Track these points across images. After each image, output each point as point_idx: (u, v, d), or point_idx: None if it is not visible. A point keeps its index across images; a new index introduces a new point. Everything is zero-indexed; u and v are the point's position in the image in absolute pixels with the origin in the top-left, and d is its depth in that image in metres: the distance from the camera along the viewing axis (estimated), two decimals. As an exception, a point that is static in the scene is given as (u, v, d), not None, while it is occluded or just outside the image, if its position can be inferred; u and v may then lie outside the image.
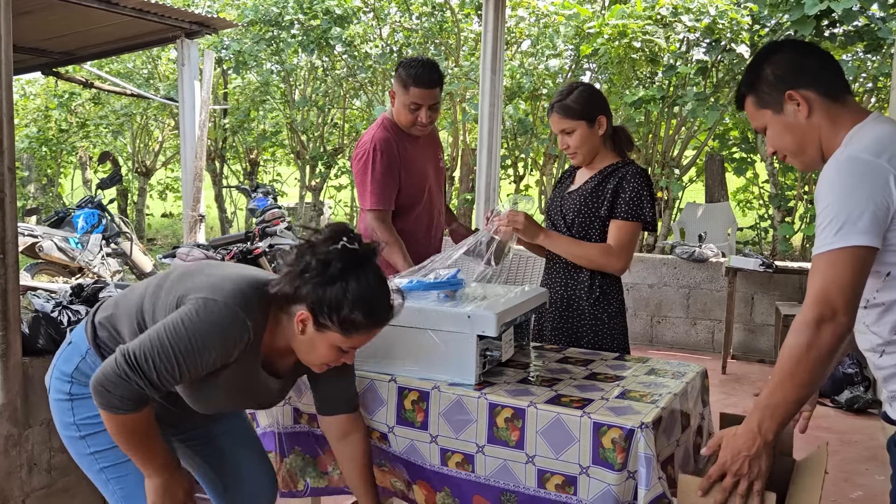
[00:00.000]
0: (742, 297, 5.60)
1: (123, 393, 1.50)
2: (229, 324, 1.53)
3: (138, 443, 1.59)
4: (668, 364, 2.06)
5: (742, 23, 7.03)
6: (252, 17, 9.57)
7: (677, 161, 8.26)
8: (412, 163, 2.80)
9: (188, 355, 1.51)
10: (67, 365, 1.73)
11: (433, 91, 2.69)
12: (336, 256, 1.53)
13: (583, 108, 2.30)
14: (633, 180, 2.28)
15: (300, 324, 1.56)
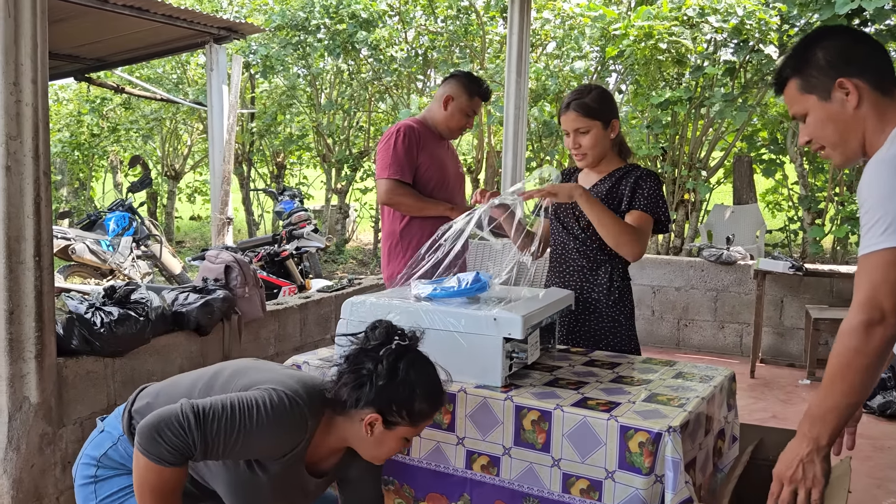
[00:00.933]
0: (771, 301, 5.53)
1: (176, 444, 1.47)
2: (294, 418, 1.54)
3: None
4: (695, 367, 2.04)
5: (770, 23, 6.95)
6: (279, 22, 9.68)
7: (704, 163, 8.18)
8: (434, 154, 3.01)
9: (250, 430, 1.50)
10: (97, 450, 1.73)
11: (483, 103, 3.14)
12: (396, 357, 1.56)
13: (600, 108, 2.31)
14: (649, 180, 2.31)
15: (368, 427, 1.57)
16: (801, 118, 1.51)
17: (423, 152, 2.96)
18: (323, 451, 1.66)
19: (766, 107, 8.27)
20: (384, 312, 1.92)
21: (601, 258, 2.34)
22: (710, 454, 1.86)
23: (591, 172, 2.42)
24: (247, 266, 3.21)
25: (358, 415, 1.57)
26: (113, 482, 1.70)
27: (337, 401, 1.60)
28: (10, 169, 2.17)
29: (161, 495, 1.52)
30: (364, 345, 1.61)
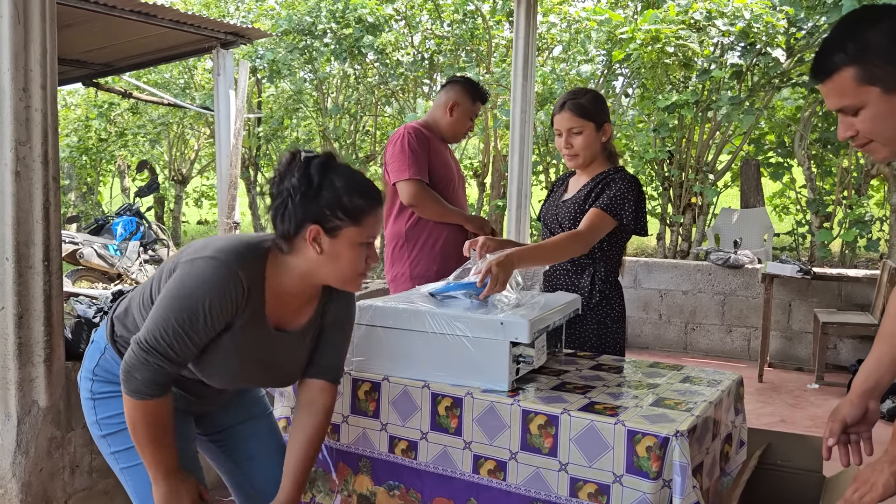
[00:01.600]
0: (779, 304, 5.51)
1: (147, 376, 1.53)
2: (218, 276, 1.52)
3: (151, 438, 1.58)
4: (703, 372, 2.04)
5: (778, 26, 6.94)
6: (286, 27, 9.72)
7: (711, 166, 8.17)
8: (440, 157, 3.06)
9: (188, 319, 1.51)
10: (90, 362, 1.77)
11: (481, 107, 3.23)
12: (307, 167, 1.56)
13: (594, 110, 2.33)
14: (620, 182, 2.30)
15: (314, 243, 1.56)
16: (850, 112, 1.30)
17: (431, 155, 3.01)
18: (290, 301, 1.65)
19: (773, 110, 8.25)
20: (390, 316, 1.92)
21: (585, 262, 2.36)
22: (718, 459, 1.86)
23: (581, 176, 2.44)
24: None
25: (301, 241, 1.57)
26: (110, 403, 1.71)
27: (279, 240, 1.59)
28: (19, 174, 2.19)
29: (150, 430, 1.57)
30: (275, 177, 1.60)
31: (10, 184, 2.18)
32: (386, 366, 1.93)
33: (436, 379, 1.87)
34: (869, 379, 1.51)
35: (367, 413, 1.94)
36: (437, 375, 1.87)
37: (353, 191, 1.56)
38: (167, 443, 1.61)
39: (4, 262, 2.21)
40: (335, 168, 1.58)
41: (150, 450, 1.60)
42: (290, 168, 1.58)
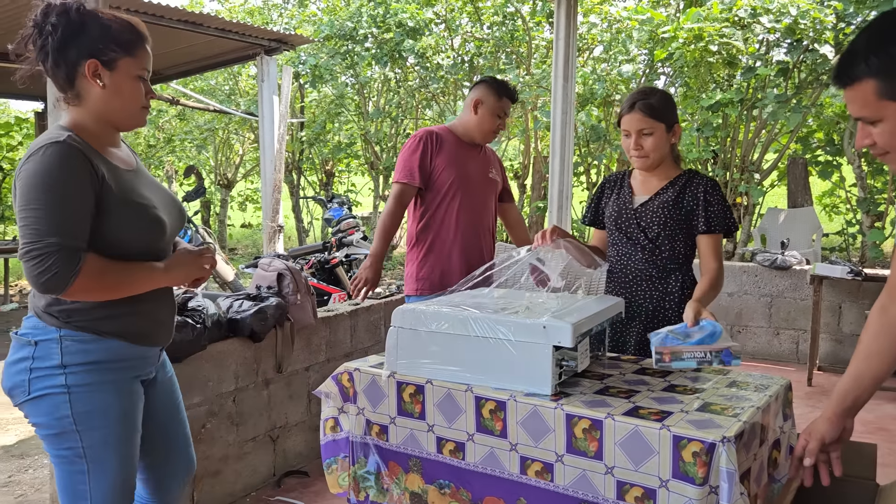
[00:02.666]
0: (828, 307, 5.38)
1: (58, 269, 1.56)
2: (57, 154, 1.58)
3: (124, 275, 1.67)
4: (750, 376, 2.01)
5: (826, 22, 6.78)
6: (328, 33, 9.84)
7: (757, 165, 8.02)
8: (454, 159, 3.04)
9: (56, 200, 1.56)
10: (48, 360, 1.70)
11: (511, 104, 3.15)
12: (65, 10, 1.63)
13: (665, 111, 2.28)
14: (715, 193, 2.28)
15: (94, 78, 1.64)
16: (869, 122, 1.29)
17: (439, 157, 3.01)
18: (109, 143, 1.74)
19: (821, 107, 8.06)
20: (433, 320, 1.94)
21: (671, 266, 2.32)
22: (765, 465, 1.83)
23: (650, 178, 2.37)
24: (298, 274, 3.27)
25: (82, 81, 1.65)
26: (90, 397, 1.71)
27: (65, 94, 1.67)
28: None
29: (116, 274, 1.66)
30: (34, 31, 1.64)
31: (67, 192, 2.26)
32: (429, 369, 1.95)
33: (479, 382, 1.88)
34: (847, 397, 1.53)
35: (414, 415, 1.97)
36: (480, 379, 1.88)
37: (119, 25, 1.67)
38: (135, 266, 1.70)
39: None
40: (90, 11, 1.67)
41: (135, 281, 1.70)
42: (45, 17, 1.63)
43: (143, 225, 1.73)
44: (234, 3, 13.31)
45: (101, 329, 1.70)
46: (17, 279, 10.37)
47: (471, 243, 3.06)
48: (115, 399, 1.73)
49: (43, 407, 1.69)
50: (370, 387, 2.04)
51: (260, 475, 3.15)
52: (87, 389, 1.69)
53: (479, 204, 3.12)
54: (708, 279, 2.25)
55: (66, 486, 1.73)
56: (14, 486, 3.30)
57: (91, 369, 1.70)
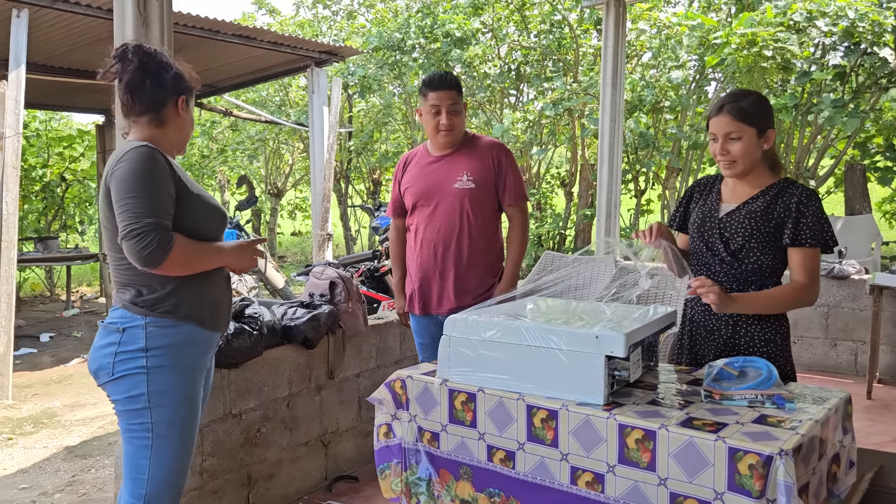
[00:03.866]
0: (889, 317, 5.21)
1: (157, 245, 1.83)
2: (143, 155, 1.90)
3: (201, 252, 1.97)
4: (807, 388, 1.97)
5: (885, 24, 6.59)
6: (376, 44, 9.97)
7: (813, 171, 7.83)
8: (419, 173, 2.99)
9: (149, 188, 1.87)
10: (134, 343, 1.96)
11: (448, 92, 2.86)
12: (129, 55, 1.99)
13: (756, 114, 2.12)
14: (811, 204, 2.10)
15: (180, 110, 2.05)
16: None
17: (404, 178, 3.02)
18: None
19: (880, 112, 7.83)
20: (485, 329, 1.96)
21: (753, 279, 2.15)
22: (824, 479, 1.79)
23: (740, 185, 2.21)
24: (350, 282, 3.33)
25: (170, 112, 2.03)
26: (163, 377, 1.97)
27: (152, 118, 2.01)
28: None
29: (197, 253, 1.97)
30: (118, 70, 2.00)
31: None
32: (481, 377, 1.96)
33: (530, 391, 1.89)
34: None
35: (465, 423, 1.99)
36: (532, 388, 1.89)
37: (187, 73, 2.07)
38: (209, 247, 2.01)
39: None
40: (151, 50, 2.03)
41: (206, 257, 2.00)
42: (125, 64, 1.99)
43: (209, 213, 2.05)
44: (284, 17, 13.59)
45: (179, 313, 1.97)
46: (79, 286, 10.74)
47: (427, 260, 2.93)
48: (183, 383, 1.99)
49: (123, 386, 1.95)
50: (422, 394, 2.07)
51: (312, 479, 3.21)
52: (162, 371, 1.94)
53: (442, 217, 2.90)
54: (779, 288, 2.11)
55: (130, 458, 1.97)
56: (77, 486, 3.42)
57: (168, 353, 1.95)
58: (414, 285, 3.01)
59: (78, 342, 6.90)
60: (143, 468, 1.95)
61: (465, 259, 2.91)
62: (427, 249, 2.95)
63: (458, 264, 2.91)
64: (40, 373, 5.76)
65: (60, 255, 8.10)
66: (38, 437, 4.18)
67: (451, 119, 2.86)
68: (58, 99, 8.79)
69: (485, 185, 2.91)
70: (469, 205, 2.89)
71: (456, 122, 2.88)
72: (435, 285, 2.95)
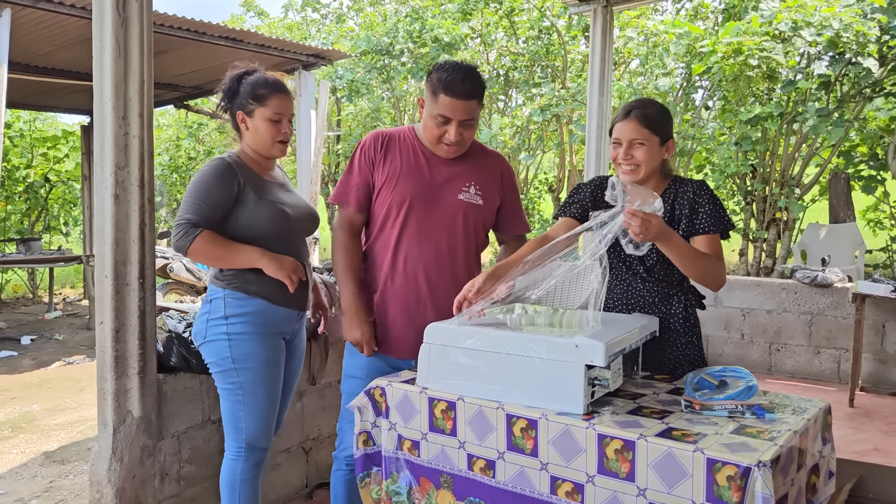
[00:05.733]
0: (871, 325, 5.25)
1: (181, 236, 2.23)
2: (212, 166, 2.31)
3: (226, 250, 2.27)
4: (787, 398, 1.97)
5: (869, 35, 6.65)
6: (364, 48, 9.96)
7: (797, 180, 7.88)
8: (415, 169, 2.33)
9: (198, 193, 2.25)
10: (219, 311, 2.33)
11: (468, 104, 2.23)
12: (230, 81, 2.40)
13: (662, 123, 2.17)
14: (704, 194, 2.17)
15: (242, 124, 2.35)
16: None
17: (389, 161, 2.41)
18: (263, 164, 2.42)
19: (864, 121, 7.89)
20: (466, 337, 1.94)
21: (671, 291, 2.24)
22: (803, 490, 1.79)
23: None
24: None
25: (241, 126, 2.36)
26: (245, 343, 2.32)
27: (235, 134, 2.43)
28: (118, 197, 2.33)
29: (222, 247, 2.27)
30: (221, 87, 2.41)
31: (109, 206, 2.32)
32: (461, 385, 1.95)
33: (510, 400, 1.88)
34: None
35: (445, 431, 1.97)
36: (512, 396, 1.88)
37: (258, 85, 2.34)
38: (239, 246, 2.28)
39: (104, 279, 2.35)
40: (248, 75, 2.37)
41: (234, 254, 2.28)
42: (227, 82, 2.39)
43: (268, 214, 2.32)
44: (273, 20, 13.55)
45: (249, 290, 2.31)
46: (62, 288, 10.64)
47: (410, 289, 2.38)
48: (261, 347, 2.31)
49: (212, 349, 2.32)
50: (402, 402, 2.05)
51: (292, 486, 3.18)
52: (241, 337, 2.29)
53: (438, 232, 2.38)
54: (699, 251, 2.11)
55: (228, 413, 2.35)
56: (55, 492, 3.38)
57: (244, 321, 2.30)
58: (385, 320, 2.36)
59: (59, 345, 6.82)
60: (240, 419, 2.32)
61: (451, 294, 2.15)
62: (411, 273, 2.34)
63: (446, 298, 2.18)
64: (20, 376, 5.68)
65: (43, 257, 8.01)
66: (16, 441, 4.12)
67: (461, 134, 2.27)
68: (42, 99, 8.71)
69: (491, 204, 2.42)
70: (473, 224, 2.37)
71: (467, 136, 2.30)
72: (413, 326, 2.28)
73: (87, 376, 5.41)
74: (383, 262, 2.37)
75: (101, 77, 2.32)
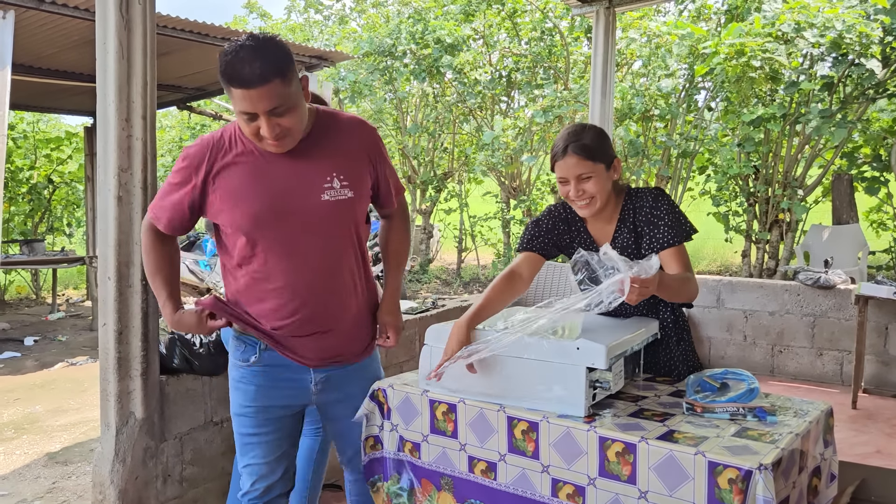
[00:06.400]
0: (874, 327, 5.24)
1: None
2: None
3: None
4: (789, 401, 1.97)
5: (872, 36, 6.64)
6: (367, 49, 9.96)
7: (800, 181, 7.87)
8: (255, 178, 1.90)
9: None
10: None
11: (264, 90, 1.75)
12: None
13: (601, 150, 2.07)
14: (660, 204, 2.10)
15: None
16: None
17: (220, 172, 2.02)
18: None
19: (867, 122, 7.88)
20: (468, 339, 1.94)
21: (657, 300, 2.20)
22: (805, 493, 1.79)
23: (600, 222, 2.19)
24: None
25: None
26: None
27: None
28: (121, 199, 2.34)
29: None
30: None
31: (112, 208, 2.33)
32: (462, 388, 1.95)
33: (511, 402, 1.88)
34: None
35: (446, 433, 1.97)
36: (513, 399, 1.88)
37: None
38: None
39: (107, 280, 2.36)
40: None
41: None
42: None
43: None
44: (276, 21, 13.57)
45: None
46: (65, 289, 10.66)
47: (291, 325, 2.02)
48: None
49: None
50: (404, 404, 2.05)
51: (294, 488, 3.18)
52: None
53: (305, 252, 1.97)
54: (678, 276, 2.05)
55: None
56: (58, 493, 3.39)
57: None
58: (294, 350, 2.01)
59: (63, 346, 6.84)
60: None
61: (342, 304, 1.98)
62: (293, 303, 1.94)
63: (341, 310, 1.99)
64: (23, 377, 5.70)
65: (46, 258, 8.02)
66: (19, 442, 4.13)
67: (278, 125, 1.81)
68: (46, 101, 8.72)
69: (363, 191, 1.98)
70: (347, 222, 1.96)
71: (288, 124, 1.83)
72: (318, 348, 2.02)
73: (90, 377, 5.42)
74: (263, 299, 1.95)
75: (104, 79, 2.33)
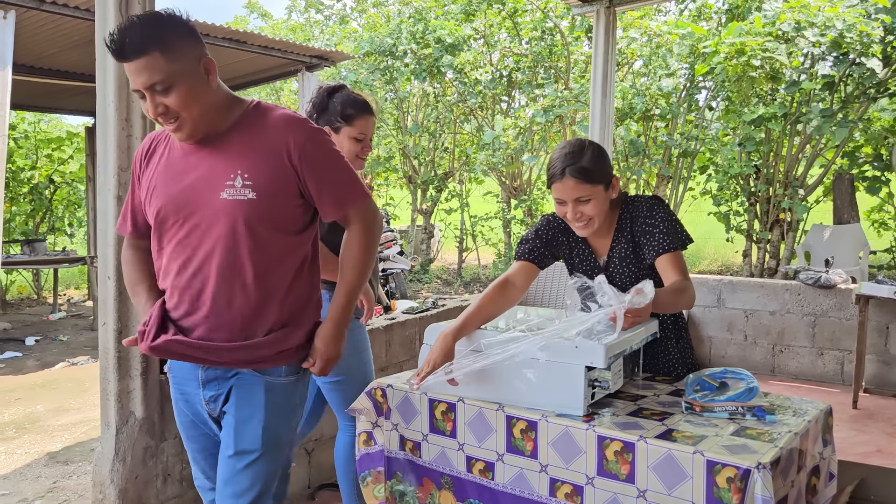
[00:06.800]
0: (875, 327, 5.23)
1: None
2: None
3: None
4: (788, 400, 1.97)
5: (873, 35, 6.64)
6: (368, 49, 9.97)
7: (801, 181, 7.86)
8: (166, 173, 1.78)
9: None
10: None
11: (140, 63, 1.59)
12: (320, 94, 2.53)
13: (600, 171, 2.04)
14: (655, 213, 2.10)
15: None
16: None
17: (148, 168, 1.96)
18: None
19: (868, 122, 7.88)
20: (465, 338, 1.95)
21: None
22: (803, 492, 1.79)
23: (594, 233, 2.17)
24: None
25: None
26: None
27: None
28: (121, 199, 2.34)
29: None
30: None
31: (112, 208, 2.33)
32: (461, 387, 1.95)
33: (510, 401, 1.88)
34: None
35: (445, 432, 1.97)
36: (512, 398, 1.88)
37: (347, 104, 2.44)
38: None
39: (107, 280, 2.36)
40: (337, 91, 2.47)
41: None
42: (315, 96, 2.51)
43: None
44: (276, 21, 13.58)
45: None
46: (66, 289, 10.67)
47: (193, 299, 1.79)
48: None
49: None
50: (403, 403, 2.06)
51: (295, 487, 3.18)
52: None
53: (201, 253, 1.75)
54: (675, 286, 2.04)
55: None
56: (58, 493, 3.39)
57: None
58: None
59: (63, 346, 6.84)
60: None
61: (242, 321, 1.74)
62: (177, 313, 1.76)
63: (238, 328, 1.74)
64: (24, 377, 5.70)
65: (47, 258, 8.03)
66: (20, 442, 4.14)
67: (163, 105, 1.64)
68: (47, 101, 8.74)
69: (272, 193, 1.71)
70: (253, 226, 1.70)
71: (174, 103, 1.64)
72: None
73: (91, 377, 5.43)
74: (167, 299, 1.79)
75: (103, 79, 2.33)
